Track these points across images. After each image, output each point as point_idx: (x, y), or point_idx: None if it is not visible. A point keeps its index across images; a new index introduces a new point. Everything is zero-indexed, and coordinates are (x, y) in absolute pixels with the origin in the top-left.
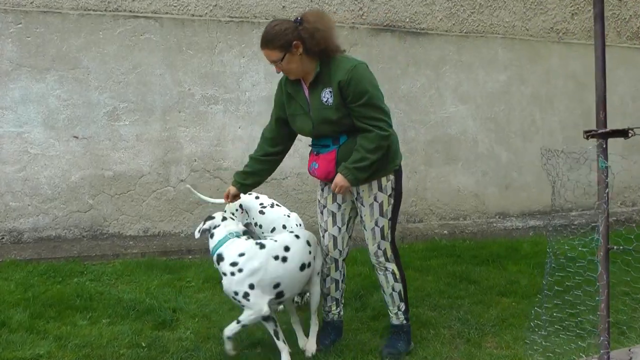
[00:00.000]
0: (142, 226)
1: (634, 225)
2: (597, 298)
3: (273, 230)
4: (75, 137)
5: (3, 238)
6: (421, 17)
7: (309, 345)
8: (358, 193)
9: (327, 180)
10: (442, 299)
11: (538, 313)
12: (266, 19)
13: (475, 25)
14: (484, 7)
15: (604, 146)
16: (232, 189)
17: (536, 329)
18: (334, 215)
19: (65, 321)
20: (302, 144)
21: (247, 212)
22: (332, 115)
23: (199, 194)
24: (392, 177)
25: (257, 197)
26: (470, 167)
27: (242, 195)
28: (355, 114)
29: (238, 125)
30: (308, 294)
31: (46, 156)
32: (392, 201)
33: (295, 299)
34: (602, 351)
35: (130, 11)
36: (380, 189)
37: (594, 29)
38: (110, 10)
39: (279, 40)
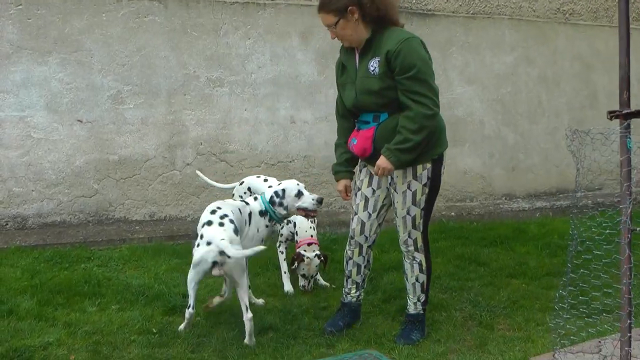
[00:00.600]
0: (148, 210)
1: None
2: (623, 281)
3: None
4: (79, 121)
5: (7, 224)
6: None
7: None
8: (392, 179)
9: (363, 157)
10: (452, 281)
11: (562, 295)
12: (272, 0)
13: (482, 7)
14: None
15: (630, 127)
16: (346, 182)
17: (560, 313)
18: (366, 199)
19: (74, 307)
20: (308, 126)
21: (253, 194)
22: (374, 86)
23: (207, 179)
24: (429, 165)
25: (265, 180)
26: (477, 148)
27: (249, 178)
28: (401, 87)
29: (244, 108)
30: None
31: (50, 140)
32: (427, 190)
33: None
34: (621, 326)
35: None
36: (414, 177)
37: (619, 7)
38: None
39: (334, 3)
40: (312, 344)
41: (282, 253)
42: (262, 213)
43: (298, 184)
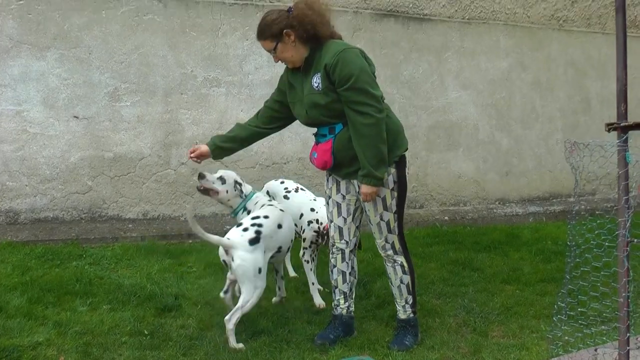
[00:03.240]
0: (142, 209)
1: None
2: (621, 294)
3: (301, 216)
4: (75, 117)
5: None
6: (424, 2)
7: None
8: (358, 188)
9: (324, 169)
10: (446, 286)
11: (561, 306)
12: (270, 2)
13: (477, 12)
14: None
15: (629, 140)
16: (203, 148)
17: (559, 324)
18: (338, 205)
19: (64, 307)
20: (303, 129)
21: (272, 197)
22: (320, 100)
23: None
24: (392, 170)
25: (282, 182)
26: (471, 153)
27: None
28: (343, 99)
29: (240, 109)
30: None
31: (45, 136)
32: (396, 194)
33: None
34: (620, 339)
35: None
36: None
37: (616, 20)
38: None
39: (270, 30)
40: (305, 349)
41: (308, 262)
42: None
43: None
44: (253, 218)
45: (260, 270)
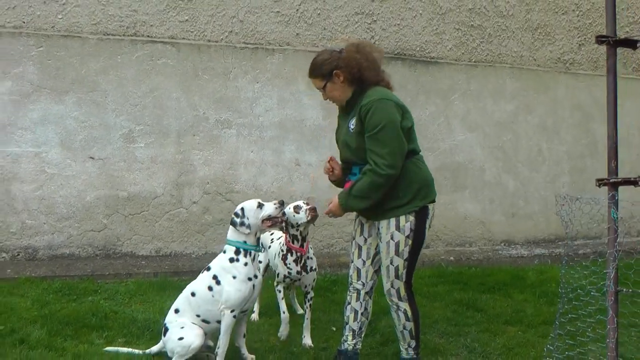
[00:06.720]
0: (155, 246)
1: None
2: (606, 339)
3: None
4: (91, 157)
5: (19, 254)
6: (431, 46)
7: None
8: (378, 229)
9: None
10: (449, 326)
11: (550, 350)
12: (280, 45)
13: (484, 55)
14: (493, 37)
15: (616, 197)
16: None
17: None
18: (359, 248)
19: (82, 339)
20: (312, 169)
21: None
22: (352, 143)
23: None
24: (411, 218)
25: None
26: (477, 194)
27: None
28: (365, 144)
29: (250, 150)
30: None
31: (62, 176)
32: (410, 242)
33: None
34: None
35: (148, 36)
36: (397, 228)
37: (607, 80)
38: (128, 35)
39: (320, 69)
40: None
41: (280, 292)
42: (231, 260)
43: (257, 200)
44: None
45: None
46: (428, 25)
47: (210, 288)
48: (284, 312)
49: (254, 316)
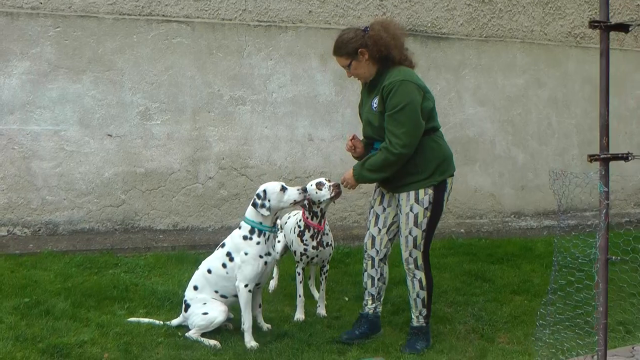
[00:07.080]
0: (172, 220)
1: None
2: (593, 303)
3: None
4: (109, 135)
5: (40, 230)
6: (442, 22)
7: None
8: (398, 201)
9: None
10: (458, 296)
11: (543, 313)
12: (293, 23)
13: (495, 30)
14: (504, 12)
15: (604, 172)
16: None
17: (541, 328)
18: (377, 216)
19: (104, 310)
20: (325, 144)
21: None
22: (374, 121)
23: None
24: (430, 191)
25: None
26: (488, 167)
27: None
28: (384, 122)
29: (264, 125)
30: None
31: (81, 153)
32: (429, 214)
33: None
34: (597, 349)
35: (163, 15)
36: (417, 200)
37: (600, 63)
38: (144, 15)
39: (346, 47)
40: (324, 351)
41: (299, 274)
42: (245, 237)
43: (280, 183)
44: None
45: None
46: (439, 1)
47: (224, 265)
48: (299, 296)
49: (273, 284)
